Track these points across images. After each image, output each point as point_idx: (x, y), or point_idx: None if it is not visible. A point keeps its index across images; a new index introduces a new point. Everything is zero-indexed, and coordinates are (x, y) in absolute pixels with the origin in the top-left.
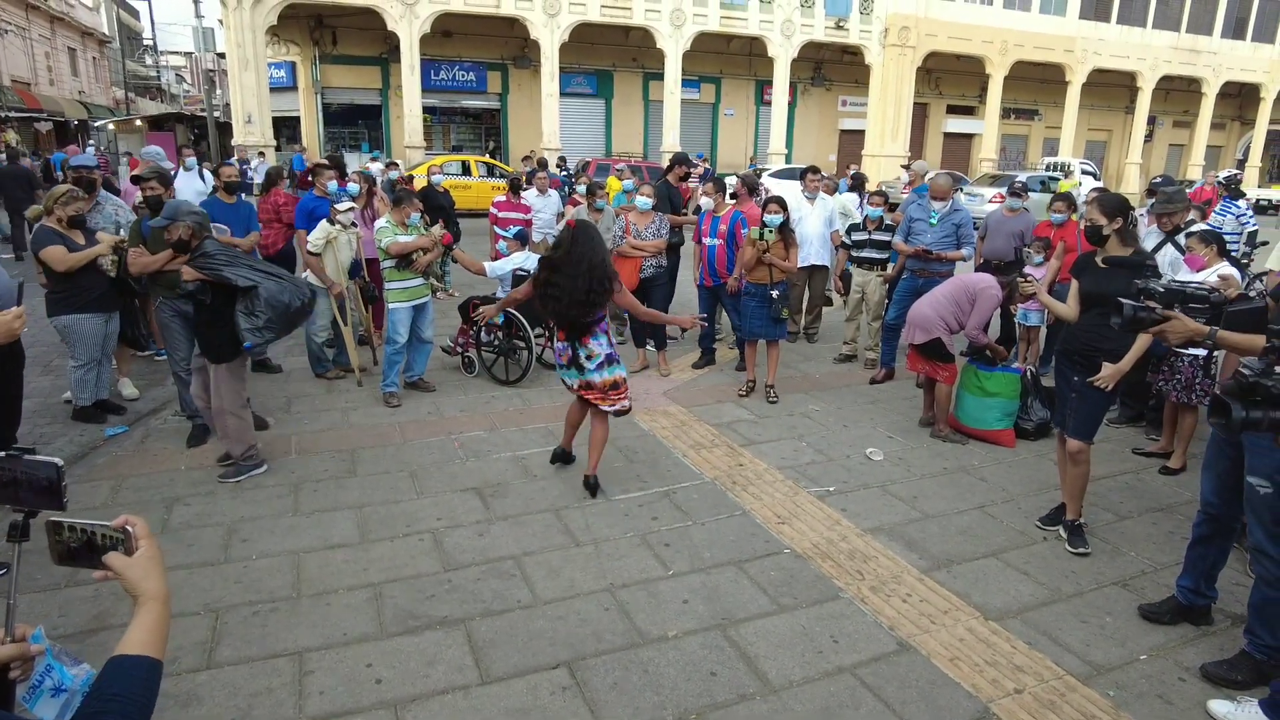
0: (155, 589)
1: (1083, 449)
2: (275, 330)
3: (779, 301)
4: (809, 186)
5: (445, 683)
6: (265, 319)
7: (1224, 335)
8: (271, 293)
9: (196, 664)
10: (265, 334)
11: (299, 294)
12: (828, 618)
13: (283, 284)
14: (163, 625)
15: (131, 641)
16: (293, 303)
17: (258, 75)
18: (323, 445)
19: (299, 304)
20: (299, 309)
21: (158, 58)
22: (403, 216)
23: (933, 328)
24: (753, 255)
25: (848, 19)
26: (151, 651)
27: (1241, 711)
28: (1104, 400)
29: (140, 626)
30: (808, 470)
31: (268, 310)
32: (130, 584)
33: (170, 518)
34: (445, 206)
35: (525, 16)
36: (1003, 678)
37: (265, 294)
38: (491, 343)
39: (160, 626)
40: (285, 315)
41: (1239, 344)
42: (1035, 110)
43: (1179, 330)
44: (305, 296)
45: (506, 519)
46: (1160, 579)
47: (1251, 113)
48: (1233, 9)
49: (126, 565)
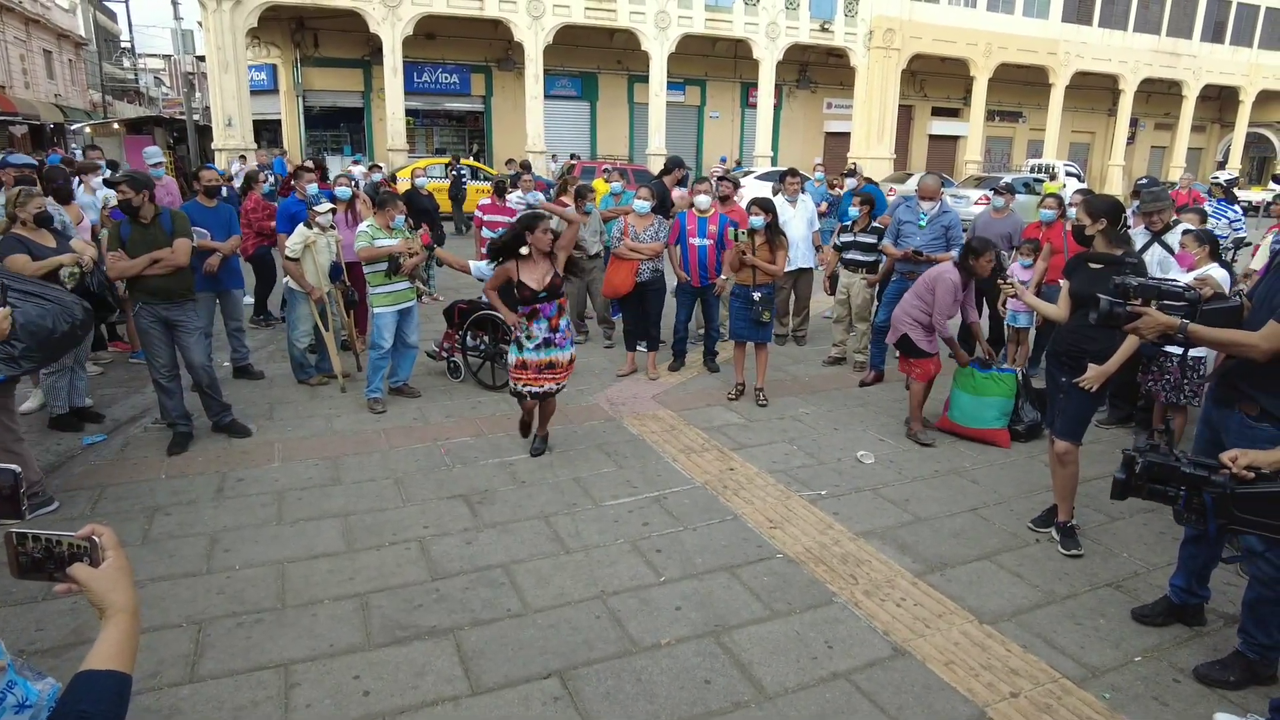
0: (123, 601)
1: (1070, 450)
2: (35, 360)
3: (760, 304)
4: (789, 189)
5: (434, 694)
6: (22, 348)
7: (1195, 329)
8: (30, 317)
9: (179, 677)
10: (22, 364)
11: (65, 316)
12: (822, 623)
13: (46, 307)
14: (132, 638)
15: (99, 655)
16: (57, 327)
17: (238, 78)
18: (306, 453)
19: (65, 328)
20: (65, 334)
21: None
22: (387, 220)
23: (899, 324)
24: (735, 257)
25: (832, 21)
26: (120, 666)
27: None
28: (1091, 401)
29: (108, 640)
30: (799, 474)
31: (26, 338)
32: (96, 596)
33: (151, 528)
34: (429, 210)
35: (509, 18)
36: (998, 681)
37: (22, 319)
38: (477, 347)
39: (129, 639)
40: (47, 342)
41: (1210, 338)
42: (1019, 112)
43: (1150, 325)
44: (74, 319)
45: (495, 526)
46: (1153, 579)
47: (1231, 115)
48: (1211, 13)
49: (92, 576)
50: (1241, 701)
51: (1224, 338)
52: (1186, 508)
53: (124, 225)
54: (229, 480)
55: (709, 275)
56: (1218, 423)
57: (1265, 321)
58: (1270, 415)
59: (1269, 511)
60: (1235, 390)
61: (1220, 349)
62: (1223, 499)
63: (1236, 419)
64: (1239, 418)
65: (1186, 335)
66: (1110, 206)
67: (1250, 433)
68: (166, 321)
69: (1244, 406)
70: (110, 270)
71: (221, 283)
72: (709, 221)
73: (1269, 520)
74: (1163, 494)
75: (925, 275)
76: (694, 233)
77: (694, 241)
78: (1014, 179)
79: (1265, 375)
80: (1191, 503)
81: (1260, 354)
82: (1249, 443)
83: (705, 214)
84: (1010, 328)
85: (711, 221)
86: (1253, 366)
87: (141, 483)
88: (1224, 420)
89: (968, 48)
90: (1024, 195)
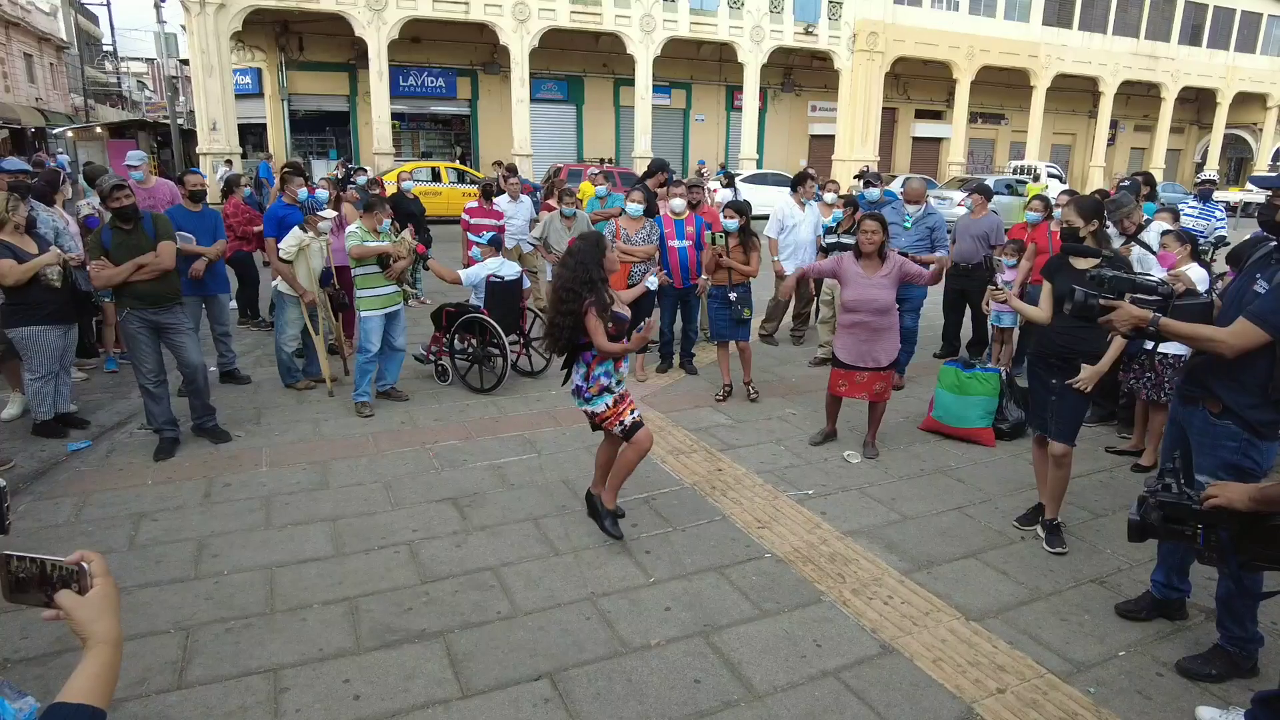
0: (106, 632)
1: (1067, 452)
2: None
3: (738, 303)
4: (806, 194)
5: (425, 697)
6: None
7: (1166, 323)
8: None
9: (167, 684)
10: None
11: None
12: (810, 622)
13: None
14: (111, 671)
15: (74, 689)
16: None
17: (222, 82)
18: (294, 457)
19: None
20: None
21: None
22: (374, 223)
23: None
24: (711, 258)
25: (816, 25)
26: (96, 700)
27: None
28: (1084, 402)
29: (85, 673)
30: (786, 474)
31: None
32: (80, 625)
33: (137, 534)
34: (415, 213)
35: (494, 22)
36: (985, 678)
37: None
38: (465, 350)
39: (108, 673)
40: None
41: (1181, 332)
42: (1001, 115)
43: (1124, 318)
44: None
45: (484, 529)
46: (1136, 575)
47: (1209, 117)
48: (1189, 16)
49: (77, 605)
50: (1224, 694)
51: (1194, 332)
52: (1206, 545)
53: (105, 232)
54: (216, 485)
55: (690, 277)
56: (1184, 420)
57: (1234, 319)
58: (1232, 412)
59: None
60: (1200, 387)
61: (1190, 344)
62: (1241, 535)
63: (1200, 416)
64: (1203, 414)
65: (1158, 329)
66: (1098, 206)
67: (1213, 430)
68: (155, 326)
69: (1208, 404)
70: (95, 280)
71: (207, 288)
72: (685, 224)
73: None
74: (1180, 533)
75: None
76: (672, 235)
77: (673, 244)
78: (997, 180)
79: (1229, 372)
80: (1210, 540)
81: (1228, 349)
82: (1211, 440)
83: (681, 216)
84: (995, 327)
85: (688, 224)
86: (1218, 363)
87: (128, 489)
88: (1189, 418)
89: (950, 50)
90: (1007, 197)
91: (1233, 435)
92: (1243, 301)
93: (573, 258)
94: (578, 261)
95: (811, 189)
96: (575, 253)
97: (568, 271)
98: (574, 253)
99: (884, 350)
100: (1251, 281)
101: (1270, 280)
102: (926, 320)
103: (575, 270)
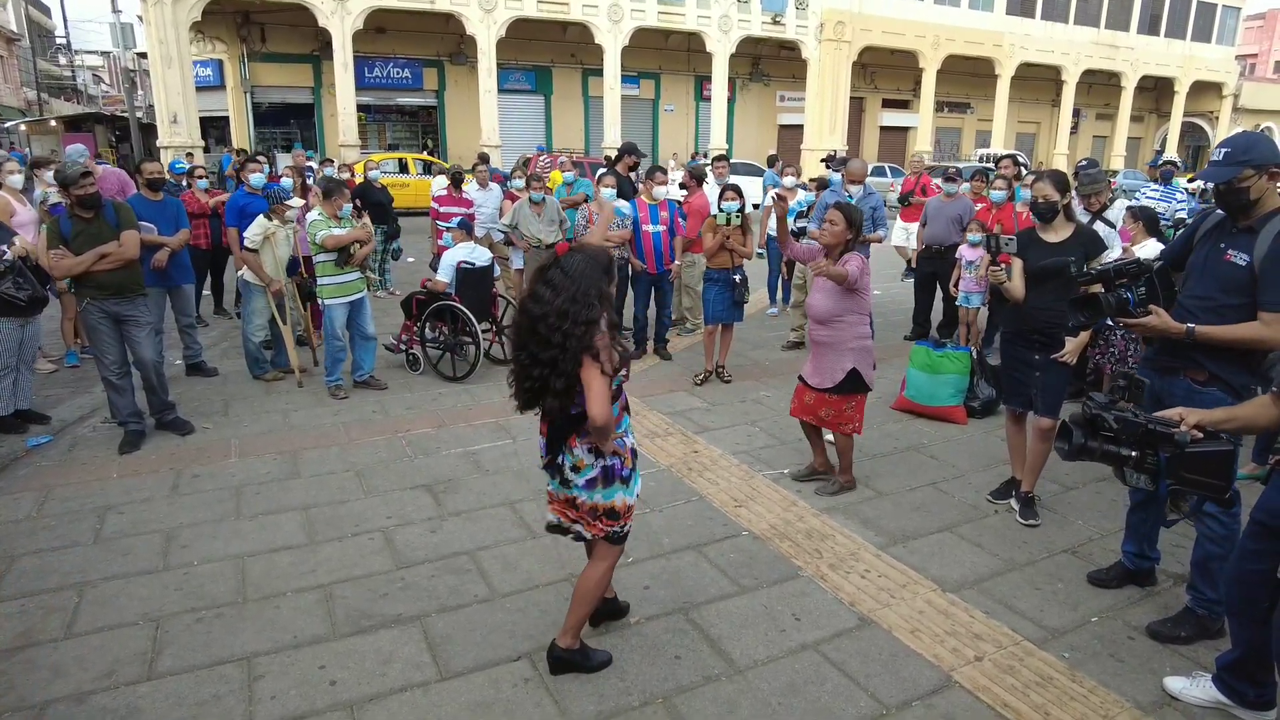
0: None
1: (1053, 426)
2: None
3: (742, 285)
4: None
5: (403, 680)
6: None
7: (1204, 331)
8: None
9: (136, 675)
10: None
11: None
12: (789, 596)
13: None
14: None
15: None
16: None
17: (182, 73)
18: (264, 448)
19: None
20: None
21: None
22: (334, 209)
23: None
24: (716, 242)
25: (784, 14)
26: None
27: (1196, 687)
28: (1069, 374)
29: None
30: (761, 454)
31: None
32: None
33: (103, 527)
34: (383, 203)
35: (460, 12)
36: (963, 646)
37: None
38: (436, 339)
39: None
40: None
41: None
42: (967, 104)
43: (1155, 326)
44: None
45: (459, 515)
46: (1107, 545)
47: (1167, 105)
48: (1147, 6)
49: None
50: (1193, 655)
51: (1234, 335)
52: (1138, 467)
53: (64, 220)
54: (184, 477)
55: (664, 262)
56: (1159, 390)
57: (1207, 287)
58: (1218, 379)
59: (1213, 471)
60: (1182, 359)
61: (1233, 345)
62: (1174, 459)
63: (1183, 385)
64: (1185, 384)
65: (1194, 339)
66: (1068, 181)
67: (1198, 397)
68: (116, 317)
69: (1190, 373)
70: (54, 270)
71: (171, 278)
72: (659, 209)
73: (1211, 480)
74: (1115, 454)
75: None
76: (646, 219)
77: (647, 229)
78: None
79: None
80: (1144, 462)
81: (1274, 345)
82: (1196, 406)
83: (655, 202)
84: (963, 308)
85: (662, 209)
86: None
87: (92, 482)
88: (1169, 387)
89: (916, 40)
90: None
91: (1218, 400)
92: (1215, 272)
93: (566, 274)
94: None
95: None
96: (570, 269)
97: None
98: (568, 268)
99: (825, 369)
100: (1220, 253)
101: (1247, 250)
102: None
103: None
